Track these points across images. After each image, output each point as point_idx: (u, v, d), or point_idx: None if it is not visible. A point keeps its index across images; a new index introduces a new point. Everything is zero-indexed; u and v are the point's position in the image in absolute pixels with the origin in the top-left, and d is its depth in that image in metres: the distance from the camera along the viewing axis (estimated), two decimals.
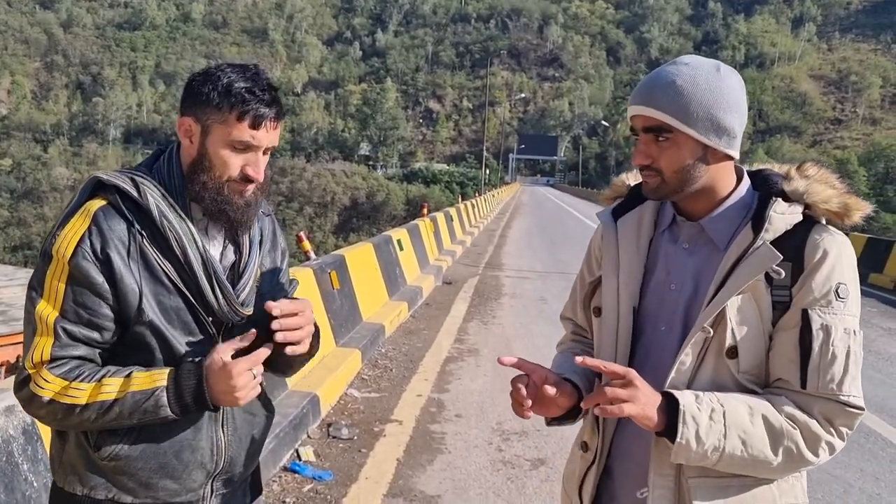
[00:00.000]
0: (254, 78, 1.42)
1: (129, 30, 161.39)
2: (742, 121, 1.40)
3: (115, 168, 1.49)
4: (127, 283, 1.38)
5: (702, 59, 1.40)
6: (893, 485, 4.31)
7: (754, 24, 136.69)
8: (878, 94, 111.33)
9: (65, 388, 1.36)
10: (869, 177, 67.39)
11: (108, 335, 1.40)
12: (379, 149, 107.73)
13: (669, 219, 1.49)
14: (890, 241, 14.32)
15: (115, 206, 1.40)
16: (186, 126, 1.43)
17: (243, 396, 1.42)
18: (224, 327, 1.51)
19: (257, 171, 1.44)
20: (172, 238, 1.41)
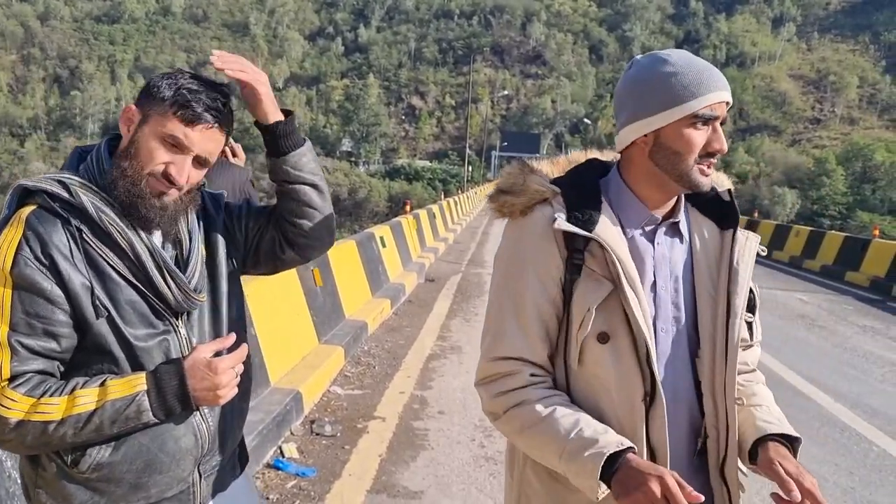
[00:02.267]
0: (212, 86, 1.42)
1: (107, 23, 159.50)
2: None
3: (43, 175, 1.42)
4: (76, 282, 1.33)
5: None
6: (867, 479, 4.40)
7: (735, 24, 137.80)
8: (856, 94, 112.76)
9: (34, 406, 1.29)
10: (847, 176, 68.20)
11: (66, 343, 1.34)
12: (361, 145, 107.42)
13: (641, 218, 1.45)
14: (866, 240, 14.53)
15: (46, 208, 1.35)
16: (130, 114, 1.41)
17: (225, 395, 1.40)
18: (180, 317, 1.47)
19: (179, 173, 1.39)
20: (115, 232, 1.37)
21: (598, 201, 1.42)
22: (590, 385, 1.41)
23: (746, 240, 1.47)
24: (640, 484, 1.20)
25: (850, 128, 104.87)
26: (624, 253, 1.38)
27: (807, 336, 8.52)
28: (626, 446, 1.29)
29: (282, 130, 1.54)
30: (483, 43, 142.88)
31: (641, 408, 1.36)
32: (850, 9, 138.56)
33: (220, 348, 1.43)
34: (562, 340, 1.43)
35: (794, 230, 17.86)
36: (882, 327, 9.34)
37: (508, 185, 1.48)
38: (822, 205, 64.76)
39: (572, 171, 1.52)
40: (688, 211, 1.50)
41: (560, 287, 1.41)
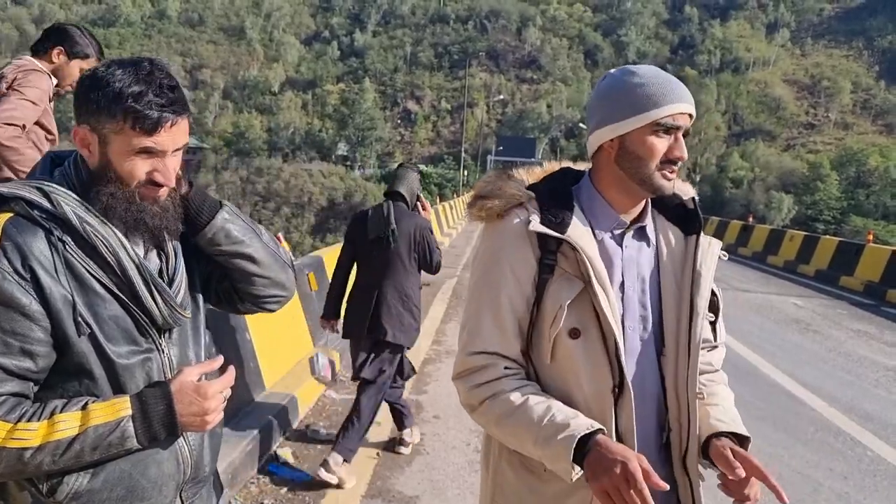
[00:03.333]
0: (147, 79, 1.29)
1: (103, 26, 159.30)
2: None
3: (16, 181, 1.34)
4: (58, 297, 1.23)
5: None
6: (861, 483, 4.41)
7: (730, 29, 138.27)
8: (850, 100, 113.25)
9: (10, 432, 1.19)
10: (841, 181, 68.46)
11: (42, 362, 1.24)
12: (357, 149, 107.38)
13: (610, 222, 1.54)
14: (860, 245, 14.58)
15: (24, 216, 1.25)
16: (82, 135, 1.30)
17: (213, 421, 1.34)
18: (163, 335, 1.39)
19: (166, 177, 1.33)
20: (100, 243, 1.28)
21: (571, 205, 1.51)
22: (561, 378, 1.49)
23: (709, 245, 1.57)
24: (607, 469, 1.27)
25: (844, 133, 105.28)
26: (594, 254, 1.46)
27: (801, 340, 8.55)
28: (595, 428, 1.35)
29: (193, 204, 1.43)
30: (479, 47, 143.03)
31: (611, 399, 1.45)
32: (843, 15, 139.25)
33: (207, 371, 1.36)
34: (534, 336, 1.50)
35: (789, 235, 17.91)
36: (876, 332, 9.37)
37: (486, 190, 1.56)
38: (816, 209, 64.97)
39: (547, 177, 1.61)
40: (654, 217, 1.59)
41: (533, 286, 1.49)
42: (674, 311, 1.53)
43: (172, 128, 1.31)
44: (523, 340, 1.51)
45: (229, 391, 1.39)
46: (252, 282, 1.52)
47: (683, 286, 1.54)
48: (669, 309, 1.54)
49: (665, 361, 1.53)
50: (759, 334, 8.67)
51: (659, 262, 1.56)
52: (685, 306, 1.52)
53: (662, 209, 1.61)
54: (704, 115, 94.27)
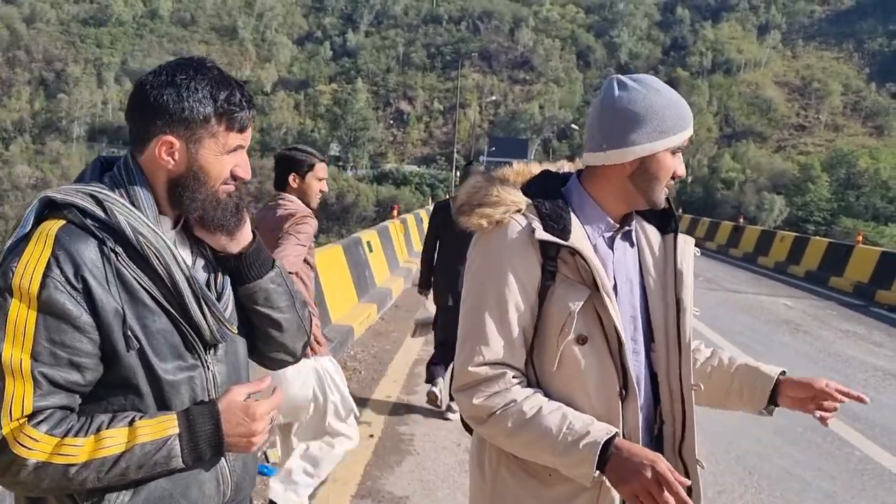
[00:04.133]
0: (226, 80, 1.32)
1: (94, 26, 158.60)
2: None
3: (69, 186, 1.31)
4: (109, 310, 1.21)
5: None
6: (849, 483, 4.44)
7: (721, 31, 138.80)
8: (840, 102, 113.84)
9: (58, 447, 1.16)
10: (831, 182, 68.78)
11: (90, 375, 1.21)
12: (349, 149, 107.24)
13: (603, 227, 1.56)
14: (850, 246, 14.68)
15: (77, 223, 1.22)
16: (168, 146, 1.28)
17: (258, 443, 1.31)
18: (209, 351, 1.36)
19: (247, 170, 1.37)
20: (152, 255, 1.25)
21: (568, 212, 1.51)
22: (565, 384, 1.49)
23: (685, 243, 1.62)
24: (636, 471, 1.33)
25: (835, 134, 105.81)
26: (596, 260, 1.49)
27: (791, 341, 8.59)
28: (613, 433, 1.40)
29: (247, 258, 1.41)
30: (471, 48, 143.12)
31: (618, 402, 1.48)
32: (834, 17, 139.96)
33: (255, 391, 1.33)
34: (537, 344, 1.50)
35: (779, 236, 18.00)
36: (865, 332, 9.43)
37: (483, 197, 1.53)
38: (807, 211, 65.25)
39: (537, 182, 1.60)
40: (634, 217, 1.63)
41: (537, 293, 1.48)
42: (660, 308, 1.57)
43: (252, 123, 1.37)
44: (526, 350, 1.51)
45: (276, 413, 1.36)
46: (266, 342, 1.50)
47: (667, 284, 1.58)
48: (656, 307, 1.57)
49: (655, 357, 1.57)
50: (749, 335, 8.71)
51: (641, 261, 1.60)
52: (671, 304, 1.57)
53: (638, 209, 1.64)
54: (696, 117, 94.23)
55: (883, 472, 4.67)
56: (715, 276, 14.48)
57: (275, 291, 1.44)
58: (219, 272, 1.41)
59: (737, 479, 4.36)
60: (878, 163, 70.18)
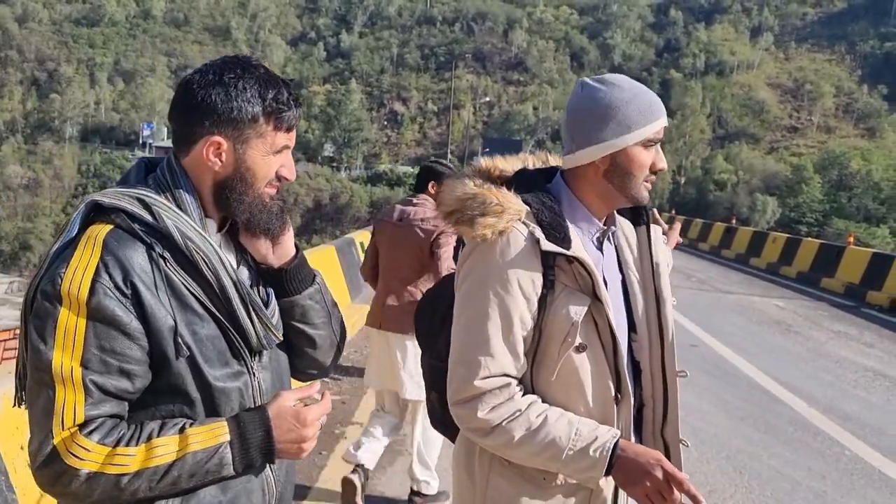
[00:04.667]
0: (272, 79, 1.31)
1: (86, 26, 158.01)
2: None
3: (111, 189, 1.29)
4: (159, 316, 1.19)
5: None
6: (839, 482, 4.47)
7: (714, 33, 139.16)
8: (832, 103, 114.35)
9: (109, 457, 1.14)
10: (823, 184, 69.05)
11: (140, 383, 1.20)
12: (343, 150, 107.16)
13: (591, 228, 1.59)
14: (841, 247, 14.74)
15: (125, 228, 1.21)
16: (216, 146, 1.26)
17: (308, 449, 1.30)
18: (255, 357, 1.34)
19: (293, 171, 1.36)
20: (202, 261, 1.24)
21: (563, 218, 1.51)
22: (563, 391, 1.52)
23: (656, 234, 1.65)
24: (645, 472, 1.41)
25: (827, 136, 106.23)
26: (594, 267, 1.49)
27: (782, 341, 8.63)
28: (618, 436, 1.47)
29: (288, 273, 1.40)
30: (465, 49, 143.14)
31: (613, 406, 1.53)
32: (826, 20, 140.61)
33: (304, 396, 1.31)
34: (538, 353, 1.51)
35: (771, 237, 18.07)
36: (856, 333, 9.48)
37: (483, 207, 1.48)
38: (799, 212, 65.48)
39: (523, 184, 1.56)
40: (615, 217, 1.65)
41: (537, 303, 1.48)
42: (640, 300, 1.61)
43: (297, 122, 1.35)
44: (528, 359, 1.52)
45: (325, 418, 1.35)
46: (299, 356, 1.48)
47: (645, 277, 1.62)
48: (636, 299, 1.61)
49: (637, 347, 1.61)
50: (741, 335, 8.74)
51: (620, 256, 1.63)
52: (650, 296, 1.61)
53: None
54: (690, 118, 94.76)
55: (872, 471, 4.70)
56: (707, 277, 14.53)
57: (311, 308, 1.43)
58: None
59: (727, 479, 4.38)
60: (870, 164, 70.47)
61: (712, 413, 5.61)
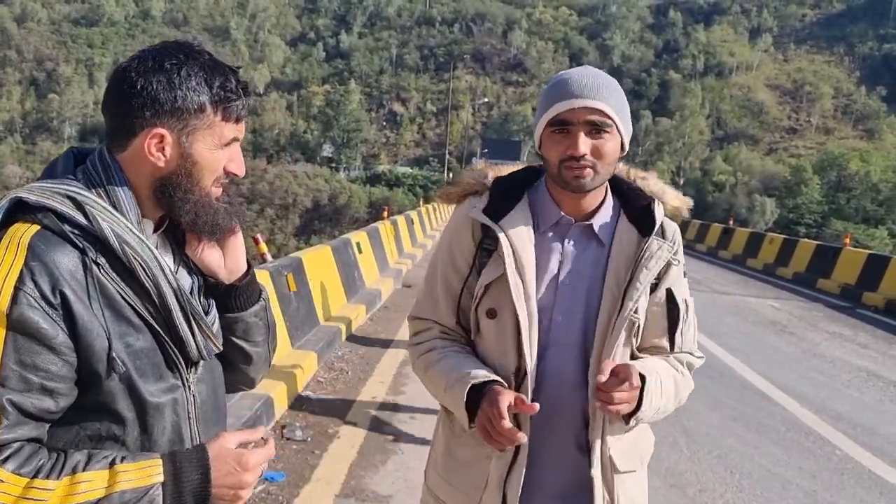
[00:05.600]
0: (219, 66, 1.20)
1: (85, 26, 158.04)
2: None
3: (37, 182, 1.16)
4: (91, 329, 1.08)
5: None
6: (829, 482, 4.49)
7: (713, 34, 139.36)
8: (831, 105, 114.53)
9: (26, 490, 1.02)
10: (822, 185, 69.16)
11: (63, 402, 1.08)
12: (342, 151, 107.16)
13: (553, 218, 1.60)
14: (837, 249, 14.78)
15: (54, 230, 1.08)
16: (158, 139, 1.15)
17: (245, 497, 1.19)
18: (190, 369, 1.25)
19: (241, 166, 1.25)
20: (139, 268, 1.13)
21: (517, 198, 1.61)
22: (482, 352, 1.65)
23: (658, 248, 1.57)
24: (483, 408, 1.46)
25: (826, 137, 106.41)
26: (517, 243, 1.56)
27: (777, 342, 8.66)
28: (491, 378, 1.51)
29: (238, 290, 1.32)
30: (464, 50, 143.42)
31: (513, 382, 1.56)
32: (825, 21, 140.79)
33: (247, 440, 1.21)
34: (470, 311, 1.66)
35: (768, 238, 18.10)
36: (850, 333, 9.51)
37: (453, 180, 1.76)
38: (797, 213, 65.59)
39: (514, 172, 1.70)
40: (618, 217, 1.63)
41: (469, 266, 1.64)
42: (608, 307, 1.57)
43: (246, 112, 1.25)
44: (458, 314, 1.67)
45: (266, 465, 1.23)
46: (231, 370, 1.40)
47: (621, 287, 1.58)
48: (605, 306, 1.58)
49: (592, 354, 1.58)
50: (736, 336, 8.77)
51: (610, 258, 1.60)
52: (616, 305, 1.57)
53: (630, 208, 1.63)
54: (689, 119, 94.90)
55: (863, 471, 4.72)
56: (704, 277, 14.56)
57: (255, 325, 1.36)
58: (202, 279, 1.31)
59: (718, 478, 4.40)
60: (869, 165, 70.59)
61: (705, 413, 5.63)
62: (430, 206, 24.81)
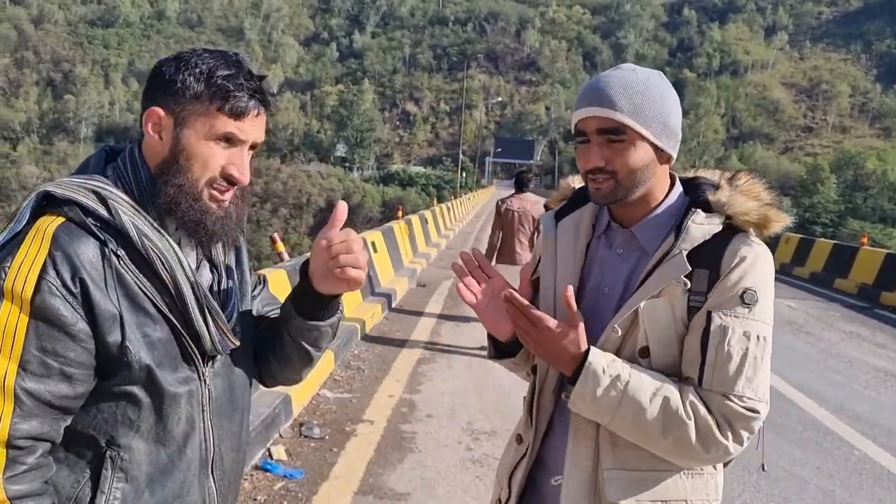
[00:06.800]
0: (236, 64, 1.21)
1: (101, 27, 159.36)
2: (680, 125, 1.47)
3: (67, 177, 1.19)
4: (107, 317, 1.11)
5: (641, 67, 1.46)
6: (847, 482, 4.47)
7: (728, 32, 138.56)
8: (848, 103, 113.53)
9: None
10: (839, 184, 68.62)
11: (81, 388, 1.12)
12: (355, 150, 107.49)
13: (605, 224, 1.54)
14: (854, 248, 14.66)
15: (77, 222, 1.12)
16: (155, 118, 1.18)
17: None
18: (208, 363, 1.27)
19: (242, 172, 1.22)
20: (157, 259, 1.16)
21: (582, 205, 1.59)
22: None
23: (674, 267, 1.40)
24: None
25: (842, 136, 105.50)
26: (553, 241, 1.58)
27: (793, 342, 8.61)
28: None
29: (332, 303, 1.35)
30: (478, 49, 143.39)
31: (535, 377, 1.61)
32: (841, 18, 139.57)
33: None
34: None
35: (784, 237, 17.98)
36: (868, 333, 9.44)
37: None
38: (814, 212, 65.10)
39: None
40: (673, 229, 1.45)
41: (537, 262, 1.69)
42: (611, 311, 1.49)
43: (257, 118, 1.23)
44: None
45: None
46: (283, 366, 1.44)
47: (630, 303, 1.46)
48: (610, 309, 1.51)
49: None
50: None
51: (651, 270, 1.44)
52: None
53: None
54: (703, 118, 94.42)
55: (881, 471, 4.70)
56: None
57: (326, 334, 1.38)
58: (223, 278, 1.31)
59: (735, 478, 4.39)
60: (886, 164, 69.98)
61: None
62: (444, 206, 24.84)
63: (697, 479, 1.45)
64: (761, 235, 1.45)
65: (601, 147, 1.40)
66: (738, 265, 1.37)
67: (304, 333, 1.36)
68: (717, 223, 1.40)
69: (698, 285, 1.38)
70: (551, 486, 1.53)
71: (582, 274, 1.54)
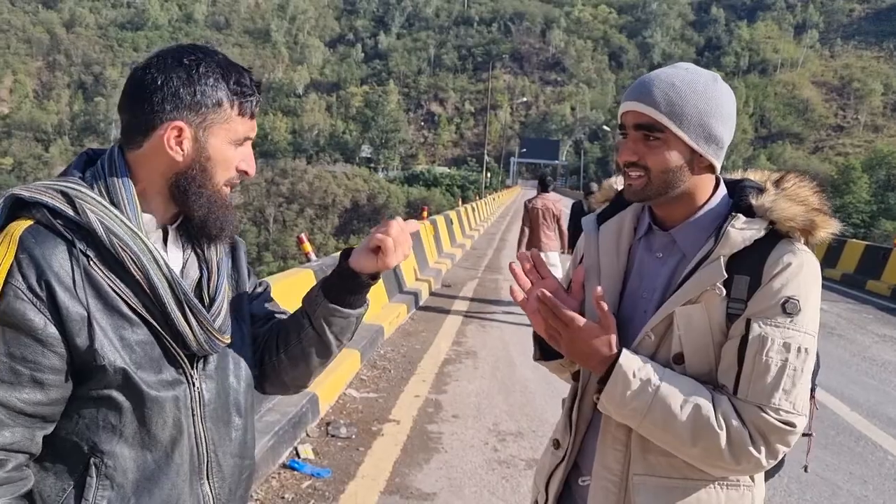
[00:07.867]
0: (233, 65, 1.23)
1: (131, 30, 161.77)
2: (730, 134, 1.41)
3: (41, 180, 1.18)
4: (76, 319, 1.08)
5: (700, 68, 1.43)
6: (881, 487, 4.39)
7: (757, 30, 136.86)
8: (880, 102, 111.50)
9: None
10: (871, 184, 67.37)
11: (54, 394, 1.09)
12: (380, 151, 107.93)
13: (646, 227, 1.50)
14: (887, 249, 14.39)
15: (45, 224, 1.10)
16: (178, 132, 1.16)
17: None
18: (196, 361, 1.23)
19: (252, 165, 1.26)
20: (128, 258, 1.12)
21: (624, 206, 1.56)
22: None
23: (710, 273, 1.34)
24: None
25: (874, 135, 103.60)
26: (594, 245, 1.56)
27: (825, 345, 8.48)
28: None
29: (362, 284, 1.34)
30: (502, 49, 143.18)
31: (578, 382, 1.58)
32: (874, 16, 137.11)
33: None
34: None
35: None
36: None
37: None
38: (845, 213, 64.01)
39: None
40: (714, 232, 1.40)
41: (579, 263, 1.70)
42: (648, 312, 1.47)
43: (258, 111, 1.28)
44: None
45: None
46: (295, 365, 1.41)
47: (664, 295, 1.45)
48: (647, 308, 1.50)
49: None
50: None
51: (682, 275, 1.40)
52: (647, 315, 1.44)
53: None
54: None
55: None
56: None
57: (349, 326, 1.37)
58: (212, 274, 1.28)
59: (767, 483, 4.33)
60: None
61: None
62: (469, 207, 24.84)
63: (733, 490, 1.40)
64: (809, 241, 1.39)
65: (636, 142, 1.38)
66: (780, 272, 1.32)
67: (330, 320, 1.34)
68: (760, 228, 1.34)
69: (738, 292, 1.33)
70: (584, 490, 1.52)
71: (625, 277, 1.50)
